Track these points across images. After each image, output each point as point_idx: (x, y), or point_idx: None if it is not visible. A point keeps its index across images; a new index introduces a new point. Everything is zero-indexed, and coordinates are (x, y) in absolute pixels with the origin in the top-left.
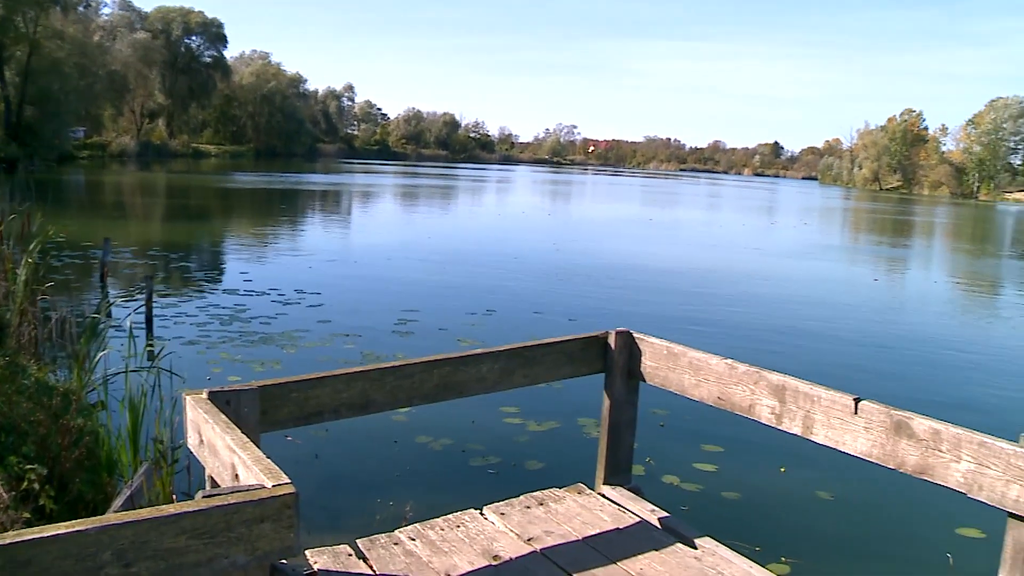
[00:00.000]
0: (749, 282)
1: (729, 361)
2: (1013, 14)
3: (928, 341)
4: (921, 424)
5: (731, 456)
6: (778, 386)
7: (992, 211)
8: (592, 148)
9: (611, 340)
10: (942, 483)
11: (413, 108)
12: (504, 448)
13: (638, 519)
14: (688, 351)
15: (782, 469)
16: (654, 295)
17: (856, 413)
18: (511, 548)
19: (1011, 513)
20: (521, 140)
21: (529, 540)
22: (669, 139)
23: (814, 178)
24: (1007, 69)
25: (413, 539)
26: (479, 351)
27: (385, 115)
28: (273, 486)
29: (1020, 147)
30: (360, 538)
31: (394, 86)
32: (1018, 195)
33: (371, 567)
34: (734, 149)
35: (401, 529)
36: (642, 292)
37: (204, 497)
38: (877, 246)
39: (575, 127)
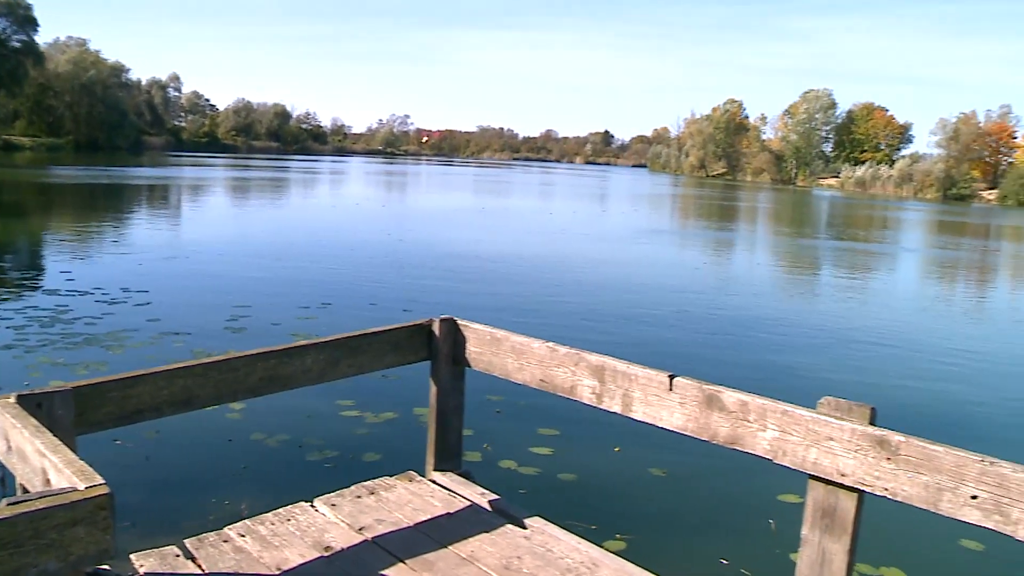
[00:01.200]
0: (579, 268)
1: (550, 344)
2: (822, 13)
3: (747, 320)
4: (730, 397)
5: (567, 438)
6: (597, 366)
7: (809, 196)
8: (426, 139)
9: (435, 328)
10: (751, 451)
11: (243, 99)
12: (341, 441)
13: (468, 503)
14: (511, 336)
15: (616, 448)
16: (487, 284)
17: (671, 389)
18: (342, 539)
19: (811, 475)
20: (354, 131)
21: (360, 529)
22: (502, 129)
23: (644, 166)
24: (818, 63)
25: (243, 535)
26: (304, 343)
27: (214, 106)
28: (86, 488)
29: (831, 136)
30: (188, 538)
31: (222, 76)
32: (831, 181)
33: (200, 567)
34: (566, 138)
35: (231, 526)
36: (476, 281)
37: (9, 505)
38: (704, 231)
39: (408, 117)
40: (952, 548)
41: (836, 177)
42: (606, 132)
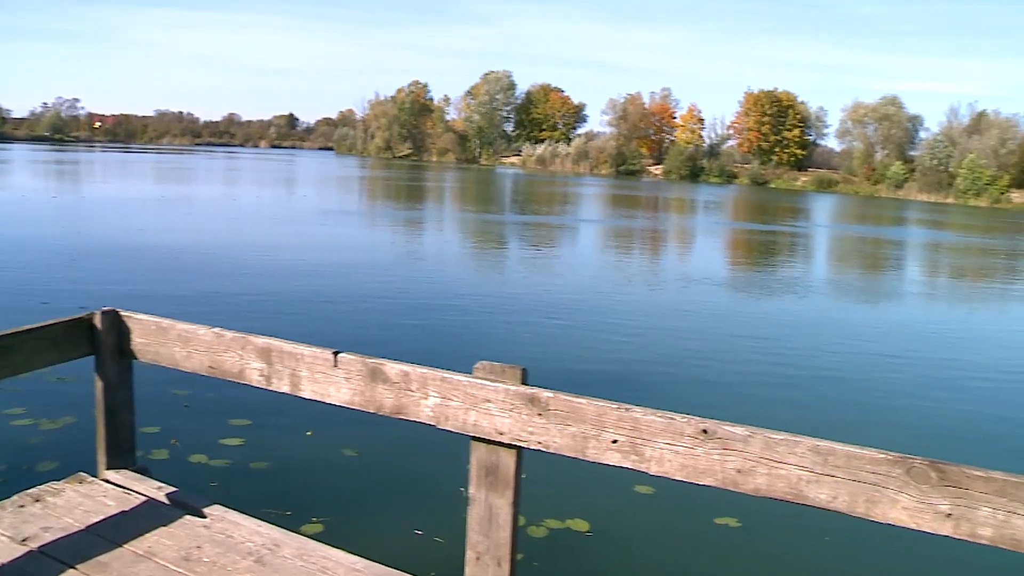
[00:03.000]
0: (262, 254)
1: (216, 329)
2: None
3: (429, 296)
4: (393, 368)
5: (259, 427)
6: (264, 348)
7: (493, 174)
8: (99, 124)
9: (97, 321)
10: (416, 419)
11: None
12: (10, 454)
13: (144, 499)
14: (176, 324)
15: (309, 432)
16: (165, 274)
17: (336, 365)
18: (4, 553)
19: (473, 436)
20: (15, 115)
21: (24, 541)
22: (182, 113)
23: (330, 148)
24: (497, 46)
25: None
26: None
27: None
28: None
29: (512, 116)
30: None
31: None
32: (513, 159)
33: None
34: (250, 122)
35: None
36: (154, 272)
37: None
38: (393, 211)
39: (78, 101)
40: (628, 495)
41: (518, 155)
42: (291, 115)
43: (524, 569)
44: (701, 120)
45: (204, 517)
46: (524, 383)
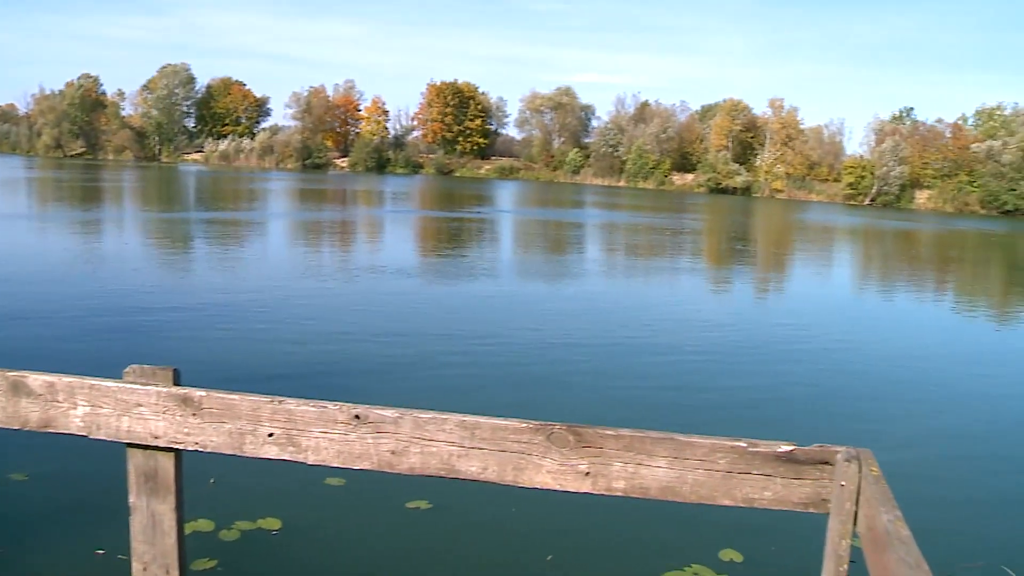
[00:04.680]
0: None
1: None
2: None
3: (107, 299)
4: (36, 380)
5: None
6: None
7: (175, 172)
8: None
9: None
10: (66, 431)
11: None
12: None
13: None
14: None
15: None
16: None
17: None
18: None
19: (128, 443)
20: None
21: None
22: None
23: None
24: (173, 37)
25: None
26: None
27: None
28: None
29: (193, 111)
30: None
31: None
32: (196, 156)
33: None
34: None
35: None
36: None
37: None
38: (69, 213)
39: None
40: (320, 488)
41: (201, 152)
42: None
43: (213, 574)
44: (386, 112)
45: None
46: (177, 384)
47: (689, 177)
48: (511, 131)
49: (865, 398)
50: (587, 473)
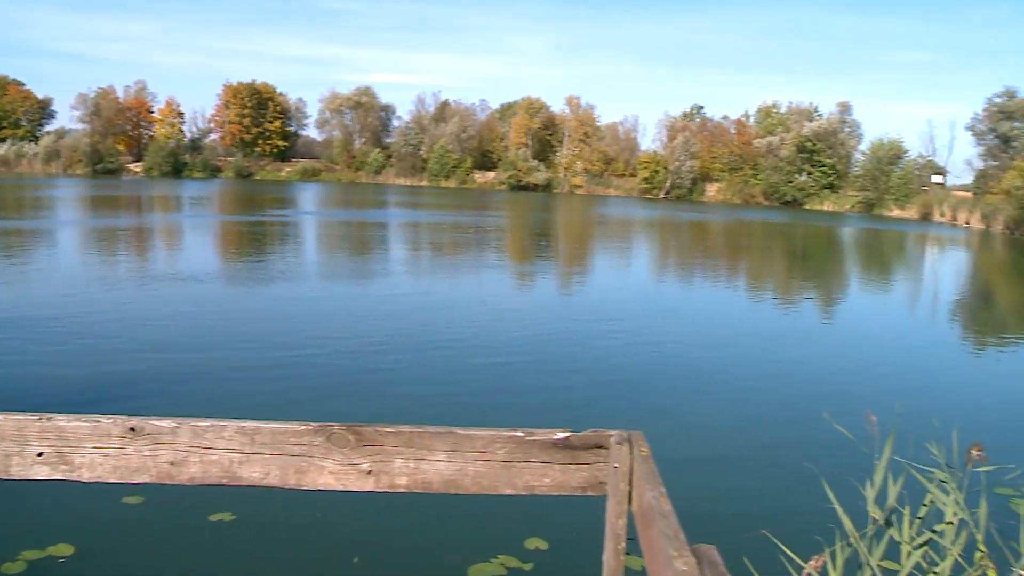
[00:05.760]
0: None
1: None
2: None
3: None
4: None
5: None
6: None
7: None
8: None
9: None
10: None
11: None
12: None
13: None
14: None
15: None
16: None
17: None
18: None
19: None
20: None
21: None
22: None
23: None
24: None
25: None
26: None
27: None
28: None
29: None
30: None
31: None
32: None
33: None
34: None
35: None
36: None
37: None
38: None
39: None
40: (117, 508)
41: None
42: None
43: None
44: (181, 114)
45: None
46: None
47: (491, 175)
48: (312, 132)
49: (654, 382)
50: (369, 471)
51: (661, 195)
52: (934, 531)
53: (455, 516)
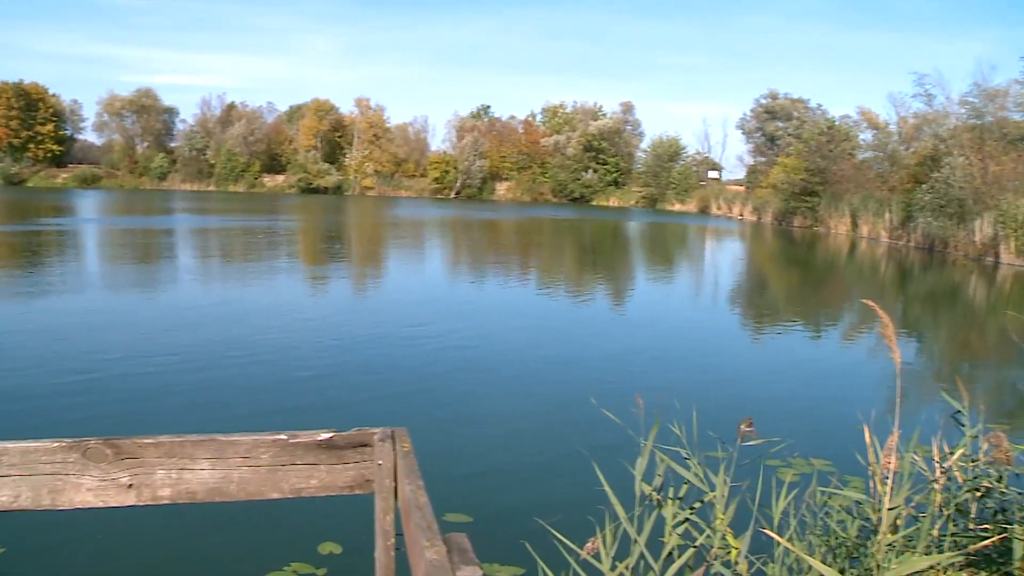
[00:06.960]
0: None
1: None
2: None
3: None
4: None
5: None
6: None
7: None
8: None
9: None
10: None
11: None
12: None
13: None
14: None
15: None
16: None
17: None
18: None
19: None
20: None
21: None
22: None
23: None
24: None
25: None
26: None
27: None
28: None
29: None
30: None
31: None
32: None
33: None
34: None
35: None
36: None
37: None
38: None
39: None
40: None
41: None
42: None
43: None
44: None
45: None
46: None
47: (280, 178)
48: (90, 136)
49: (436, 378)
50: (130, 485)
51: (452, 195)
52: (693, 507)
53: (246, 525)
